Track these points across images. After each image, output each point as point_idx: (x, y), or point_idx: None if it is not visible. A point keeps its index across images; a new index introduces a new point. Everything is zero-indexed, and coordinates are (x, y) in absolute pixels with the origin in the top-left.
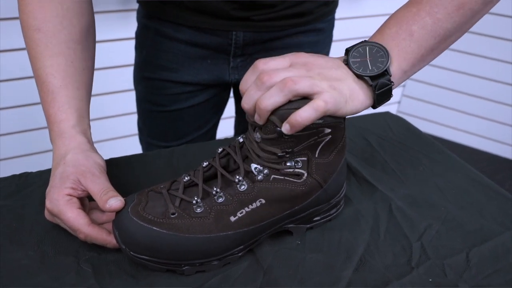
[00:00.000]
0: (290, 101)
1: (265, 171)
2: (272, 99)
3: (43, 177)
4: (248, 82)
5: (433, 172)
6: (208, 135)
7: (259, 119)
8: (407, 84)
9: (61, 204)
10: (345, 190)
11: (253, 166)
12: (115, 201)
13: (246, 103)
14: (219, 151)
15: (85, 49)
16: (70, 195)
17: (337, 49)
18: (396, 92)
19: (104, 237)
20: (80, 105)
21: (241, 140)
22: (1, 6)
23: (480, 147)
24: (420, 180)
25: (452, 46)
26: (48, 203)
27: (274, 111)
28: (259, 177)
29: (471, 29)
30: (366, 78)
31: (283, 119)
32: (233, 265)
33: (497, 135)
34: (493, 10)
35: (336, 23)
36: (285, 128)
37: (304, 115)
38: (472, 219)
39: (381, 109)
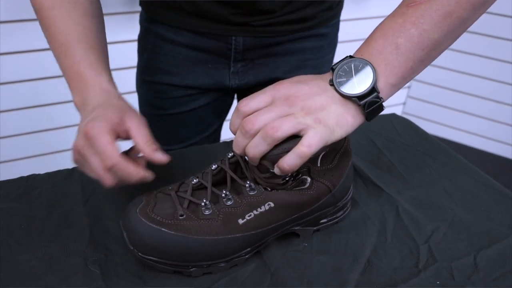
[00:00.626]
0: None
1: (272, 190)
2: (257, 149)
3: (51, 179)
4: (235, 124)
5: (439, 174)
6: (211, 138)
7: (251, 163)
8: (412, 86)
9: (102, 129)
10: (352, 193)
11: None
12: (163, 155)
13: (236, 150)
14: (229, 156)
15: (100, 24)
16: (113, 129)
17: (343, 51)
18: (401, 94)
19: (131, 169)
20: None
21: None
22: (1, 9)
23: (485, 149)
24: (427, 182)
25: (458, 47)
26: (85, 126)
27: (264, 156)
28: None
29: (478, 30)
30: (353, 99)
31: (274, 162)
32: (240, 267)
33: (502, 137)
34: (502, 11)
35: (341, 24)
36: (277, 171)
37: (290, 162)
38: (479, 221)
39: (387, 111)
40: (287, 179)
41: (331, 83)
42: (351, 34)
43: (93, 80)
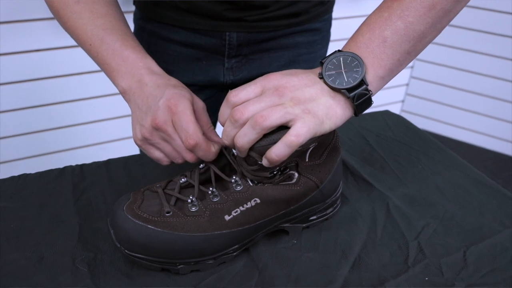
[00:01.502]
0: (266, 134)
1: (259, 184)
2: (246, 138)
3: (42, 178)
4: (224, 115)
5: (432, 171)
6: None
7: (239, 153)
8: (411, 83)
9: (187, 106)
10: (341, 190)
11: (248, 178)
12: (218, 140)
13: (225, 139)
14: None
15: (121, 11)
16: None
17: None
18: (400, 91)
19: (211, 149)
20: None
21: (236, 152)
22: (1, 9)
23: (485, 146)
24: (419, 179)
25: (457, 44)
26: (168, 102)
27: (253, 147)
28: (253, 184)
29: (477, 27)
30: (343, 91)
31: (262, 153)
32: (229, 264)
33: (502, 133)
34: (500, 7)
35: (339, 22)
36: (265, 162)
37: (278, 152)
38: (471, 217)
39: (386, 108)
40: (274, 172)
41: (320, 76)
42: (347, 32)
43: (142, 62)
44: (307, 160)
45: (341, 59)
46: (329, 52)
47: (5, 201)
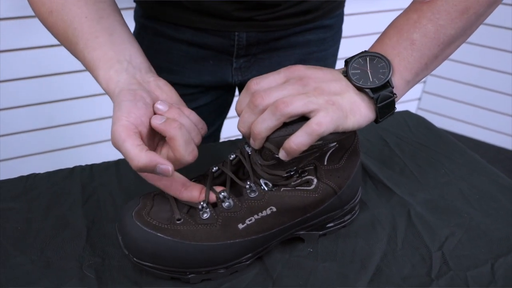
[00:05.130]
0: (286, 124)
1: (274, 188)
2: (265, 124)
3: (51, 178)
4: (242, 103)
5: (455, 175)
6: (211, 138)
7: (254, 144)
8: (427, 80)
9: (121, 128)
10: (360, 195)
11: (262, 180)
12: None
13: (241, 127)
14: (231, 158)
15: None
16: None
17: (350, 45)
18: (417, 89)
19: (161, 165)
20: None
21: (249, 151)
22: (2, 6)
23: (505, 146)
24: (442, 184)
25: (475, 40)
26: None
27: (269, 137)
28: (267, 189)
29: (495, 23)
30: (367, 90)
31: (279, 145)
32: (241, 273)
33: None
34: None
35: (348, 18)
36: (282, 155)
37: (298, 141)
38: (498, 226)
39: (402, 107)
40: (291, 173)
41: (345, 74)
42: (359, 28)
43: (128, 51)
44: (325, 163)
45: (367, 58)
46: (340, 49)
47: (12, 201)
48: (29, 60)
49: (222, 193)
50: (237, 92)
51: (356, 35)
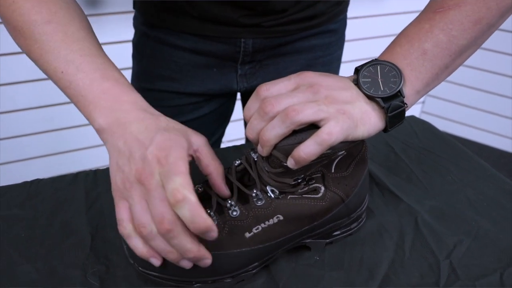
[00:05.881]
0: (295, 132)
1: (281, 195)
2: (274, 131)
3: (55, 184)
4: (251, 109)
5: (462, 182)
6: (214, 146)
7: (262, 151)
8: None
9: (179, 158)
10: (367, 202)
11: (269, 188)
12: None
13: (249, 133)
14: (236, 164)
15: (97, 39)
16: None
17: (353, 49)
18: None
19: (202, 212)
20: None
21: (255, 157)
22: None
23: (508, 149)
24: (449, 191)
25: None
26: (157, 150)
27: (278, 145)
28: (274, 196)
29: (505, 27)
30: (378, 99)
31: (287, 154)
32: (247, 282)
33: None
34: None
35: (353, 22)
36: (290, 163)
37: (307, 150)
38: (507, 235)
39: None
40: (299, 180)
41: (355, 82)
42: (360, 32)
43: (127, 96)
44: (333, 171)
45: (378, 67)
46: (344, 54)
47: (16, 208)
48: (30, 63)
49: (229, 201)
50: (238, 96)
51: (357, 38)
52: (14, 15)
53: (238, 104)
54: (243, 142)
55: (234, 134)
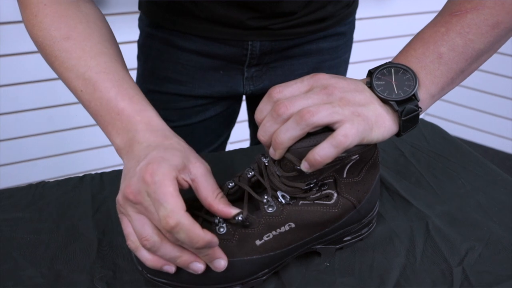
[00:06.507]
0: (309, 134)
1: (292, 201)
2: (288, 133)
3: (60, 188)
4: (263, 112)
5: (472, 186)
6: (218, 150)
7: (274, 154)
8: None
9: (166, 176)
10: (378, 208)
11: (279, 193)
12: (235, 211)
13: (262, 136)
14: (249, 175)
15: (118, 48)
16: (177, 177)
17: (360, 51)
18: None
19: (197, 230)
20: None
21: (266, 162)
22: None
23: None
24: (459, 195)
25: None
26: (145, 169)
27: (291, 148)
28: (285, 202)
29: None
30: (392, 103)
31: (301, 157)
32: None
33: None
34: None
35: (359, 23)
36: (304, 166)
37: (323, 153)
38: None
39: None
40: (311, 185)
41: (369, 85)
42: (368, 33)
43: (140, 115)
44: (345, 175)
45: (393, 70)
46: (352, 56)
47: (21, 211)
48: (38, 63)
49: (240, 216)
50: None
51: (364, 40)
52: (35, 29)
53: (242, 105)
54: (247, 143)
55: (237, 136)
